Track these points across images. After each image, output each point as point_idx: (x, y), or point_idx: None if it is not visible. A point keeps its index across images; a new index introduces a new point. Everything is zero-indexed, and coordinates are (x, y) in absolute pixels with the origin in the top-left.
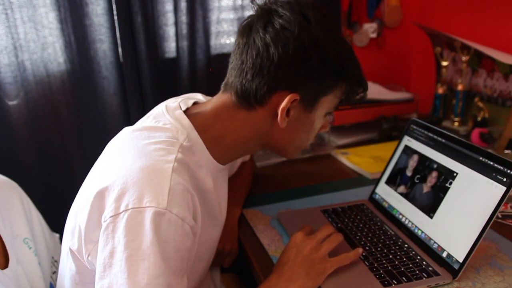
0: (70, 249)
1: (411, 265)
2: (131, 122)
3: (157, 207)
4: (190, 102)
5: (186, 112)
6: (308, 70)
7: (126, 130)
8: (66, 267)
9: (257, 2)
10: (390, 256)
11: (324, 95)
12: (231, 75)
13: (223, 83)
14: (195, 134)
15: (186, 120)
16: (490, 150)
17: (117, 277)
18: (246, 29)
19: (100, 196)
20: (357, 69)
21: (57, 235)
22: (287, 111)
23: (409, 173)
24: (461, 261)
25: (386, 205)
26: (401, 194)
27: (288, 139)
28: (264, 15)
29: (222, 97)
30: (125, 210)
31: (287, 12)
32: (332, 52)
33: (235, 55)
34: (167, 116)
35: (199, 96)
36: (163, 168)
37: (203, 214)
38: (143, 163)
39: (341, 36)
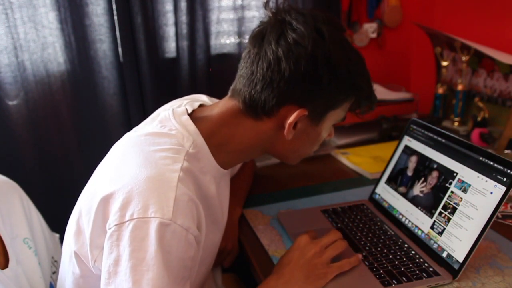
0: (75, 253)
1: (411, 265)
2: (131, 122)
3: (162, 218)
4: (196, 105)
5: (192, 115)
6: (318, 87)
7: (131, 134)
8: (69, 271)
9: (270, 7)
10: (390, 256)
11: (332, 109)
12: (240, 83)
13: (231, 88)
14: (200, 140)
15: (192, 126)
16: (490, 150)
17: (122, 285)
18: (258, 38)
19: (105, 202)
20: (368, 84)
21: (57, 235)
22: (294, 124)
23: (409, 173)
24: (461, 261)
25: (386, 205)
26: (401, 194)
27: (292, 149)
28: (277, 26)
29: (229, 103)
30: (130, 220)
31: (301, 27)
32: (344, 70)
33: (245, 63)
34: (173, 122)
35: (204, 98)
36: (169, 178)
37: (206, 220)
38: (148, 172)
39: (354, 50)
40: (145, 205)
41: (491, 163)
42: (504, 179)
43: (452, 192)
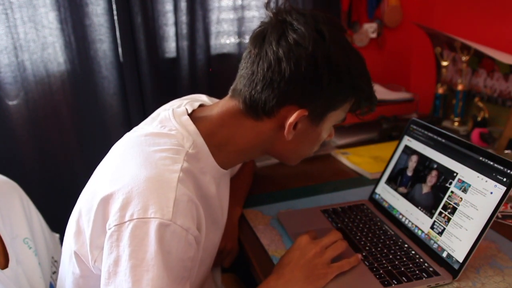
0: (75, 253)
1: (411, 265)
2: (131, 122)
3: (162, 219)
4: (196, 105)
5: (191, 115)
6: (319, 87)
7: (131, 134)
8: (69, 271)
9: (271, 8)
10: (390, 256)
11: (332, 110)
12: (240, 83)
13: (231, 88)
14: (200, 140)
15: (192, 126)
16: (490, 150)
17: (122, 285)
18: (259, 38)
19: (105, 203)
20: (368, 85)
21: (57, 235)
22: (294, 125)
23: (409, 173)
24: (461, 261)
25: (386, 205)
26: (401, 194)
27: (292, 149)
28: (278, 27)
29: (229, 103)
30: (130, 220)
31: (302, 27)
32: (344, 71)
33: (245, 63)
34: (173, 122)
35: (204, 98)
36: (169, 179)
37: (206, 221)
38: (148, 173)
39: (354, 51)
40: (145, 206)
41: (491, 163)
42: (504, 179)
43: (452, 192)
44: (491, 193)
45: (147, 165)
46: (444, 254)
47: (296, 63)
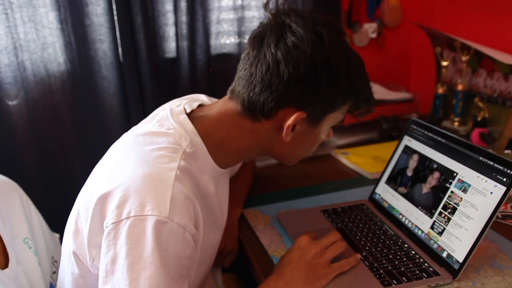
0: (74, 253)
1: (411, 265)
2: (131, 122)
3: (159, 216)
4: (195, 105)
5: (190, 115)
6: (317, 90)
7: (129, 134)
8: (68, 271)
9: (270, 9)
10: (390, 256)
11: (331, 112)
12: (239, 84)
13: (230, 89)
14: (198, 140)
15: (190, 125)
16: (490, 150)
17: (119, 284)
18: (257, 40)
19: (102, 201)
20: (367, 88)
21: (57, 235)
22: (293, 127)
23: (409, 173)
24: (461, 261)
25: (386, 205)
26: (401, 194)
27: (290, 150)
28: (276, 29)
29: (228, 104)
30: (127, 218)
31: (300, 30)
32: (343, 74)
33: (244, 65)
34: (171, 121)
35: (203, 98)
36: (166, 177)
37: (205, 219)
38: (145, 171)
39: (353, 53)
40: (142, 203)
41: (491, 163)
42: (504, 179)
43: (452, 192)
44: (491, 193)
45: (144, 164)
46: (444, 254)
47: (294, 66)
